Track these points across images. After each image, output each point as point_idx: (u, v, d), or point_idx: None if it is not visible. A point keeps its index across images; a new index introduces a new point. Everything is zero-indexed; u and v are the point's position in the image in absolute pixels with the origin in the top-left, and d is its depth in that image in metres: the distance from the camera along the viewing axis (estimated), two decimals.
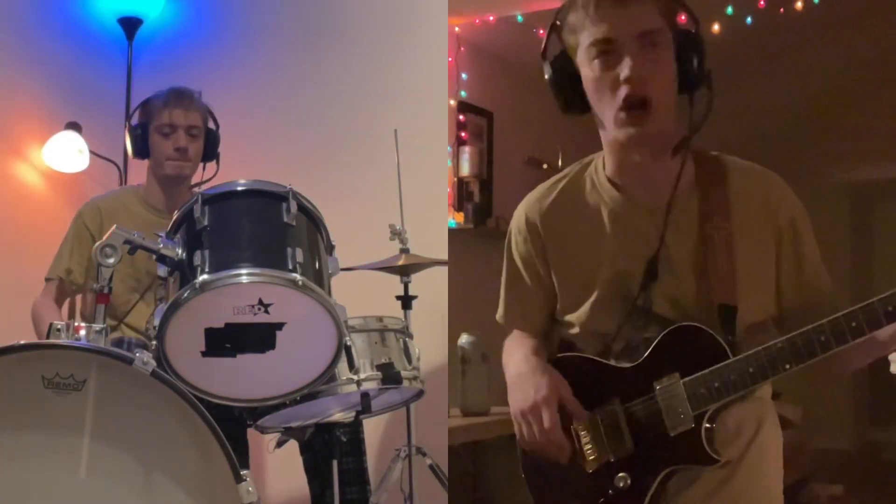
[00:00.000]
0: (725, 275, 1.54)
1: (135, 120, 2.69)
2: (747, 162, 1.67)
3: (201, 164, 2.73)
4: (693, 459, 1.53)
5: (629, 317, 1.61)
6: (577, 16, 1.56)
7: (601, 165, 1.71)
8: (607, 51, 1.53)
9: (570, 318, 1.73)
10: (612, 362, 1.66)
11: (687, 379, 1.54)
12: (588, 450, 1.67)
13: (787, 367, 1.46)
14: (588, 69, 1.57)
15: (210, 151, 2.71)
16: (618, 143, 1.61)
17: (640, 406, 1.60)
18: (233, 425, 2.29)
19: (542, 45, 1.65)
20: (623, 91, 1.51)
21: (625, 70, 1.50)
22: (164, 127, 2.63)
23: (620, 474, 1.61)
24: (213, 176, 2.72)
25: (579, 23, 1.56)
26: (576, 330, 1.73)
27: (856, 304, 1.43)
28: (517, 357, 1.79)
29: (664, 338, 1.58)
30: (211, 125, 2.73)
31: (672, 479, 1.59)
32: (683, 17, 1.60)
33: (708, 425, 1.53)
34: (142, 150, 2.67)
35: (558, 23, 1.62)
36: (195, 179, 2.74)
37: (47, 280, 2.69)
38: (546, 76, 1.67)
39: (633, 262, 1.62)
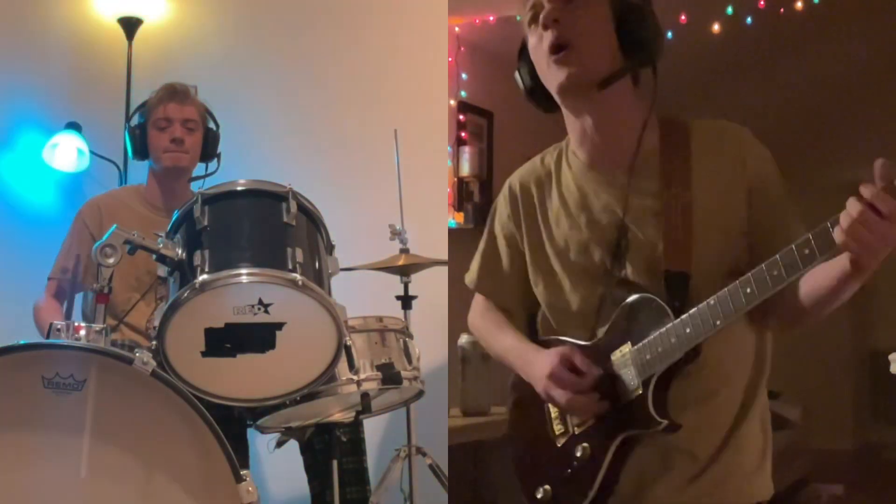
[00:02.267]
0: (680, 243, 1.56)
1: (133, 121, 2.69)
2: (713, 121, 1.67)
3: (203, 165, 2.73)
4: (642, 424, 1.55)
5: (608, 288, 1.63)
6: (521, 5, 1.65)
7: (567, 144, 1.76)
8: (536, 13, 1.60)
9: (542, 296, 1.76)
10: (600, 334, 1.67)
11: (634, 347, 1.57)
12: (556, 425, 1.72)
13: (717, 322, 1.46)
14: (529, 40, 1.65)
15: (210, 150, 2.71)
16: (560, 100, 1.65)
17: (600, 379, 1.63)
18: (233, 425, 2.29)
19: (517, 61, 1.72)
20: (547, 37, 1.57)
21: (541, 18, 1.58)
22: (160, 121, 2.63)
23: (582, 444, 1.65)
24: (216, 170, 2.71)
25: (521, 8, 1.65)
26: (553, 313, 1.76)
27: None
28: (508, 343, 1.83)
29: (621, 310, 1.61)
30: (210, 124, 2.72)
31: (632, 449, 1.60)
32: None
33: (657, 391, 1.54)
34: (141, 150, 2.67)
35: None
36: (196, 176, 2.74)
37: (49, 279, 2.70)
38: (522, 85, 1.73)
39: (601, 231, 1.65)
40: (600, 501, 1.62)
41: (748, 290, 1.42)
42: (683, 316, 1.51)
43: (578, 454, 1.65)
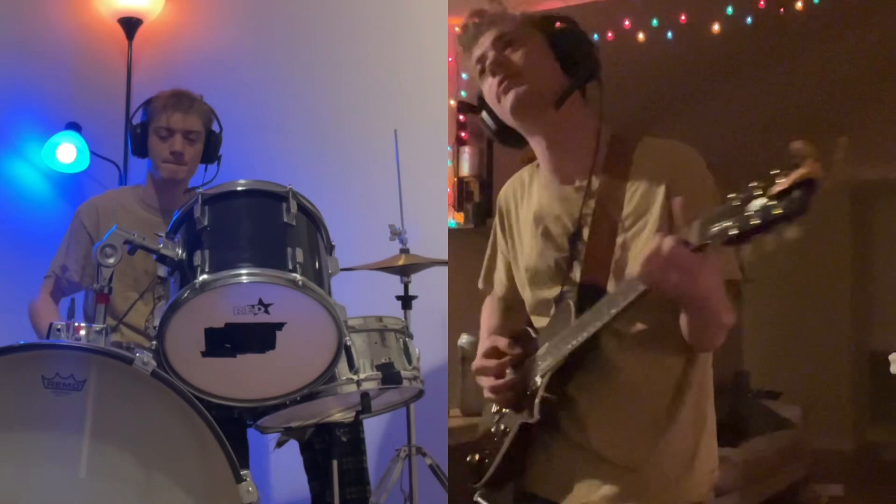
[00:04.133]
0: (599, 258, 1.67)
1: (136, 118, 2.69)
2: (660, 140, 1.73)
3: (203, 167, 2.73)
4: (528, 415, 1.69)
5: (562, 291, 1.73)
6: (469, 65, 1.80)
7: None
8: (483, 67, 1.75)
9: (525, 296, 1.87)
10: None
11: (547, 346, 1.71)
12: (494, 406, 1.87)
13: (584, 335, 1.58)
14: (483, 90, 1.79)
15: (210, 154, 2.71)
16: (516, 125, 1.76)
17: (524, 370, 1.77)
18: (233, 425, 2.29)
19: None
20: (494, 82, 1.71)
21: (487, 67, 1.73)
22: (161, 129, 2.62)
23: (503, 422, 1.81)
24: (213, 178, 2.71)
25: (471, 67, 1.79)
26: (530, 312, 1.86)
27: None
28: (481, 336, 1.99)
29: (554, 313, 1.74)
30: (214, 128, 2.72)
31: (533, 435, 1.73)
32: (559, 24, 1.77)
33: (546, 394, 1.66)
34: (141, 149, 2.67)
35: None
36: (195, 181, 2.74)
37: (45, 277, 2.70)
38: (489, 131, 1.86)
39: (554, 241, 1.76)
40: (505, 474, 1.78)
41: (610, 308, 1.53)
42: (575, 323, 1.63)
43: (501, 428, 1.81)
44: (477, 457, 1.87)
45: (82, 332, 1.82)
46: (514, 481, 1.79)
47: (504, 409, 1.82)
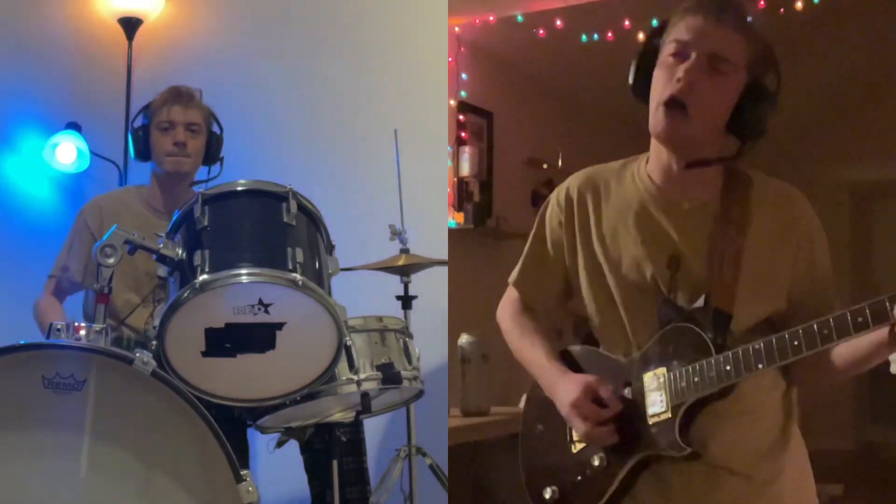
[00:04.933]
0: (726, 285, 1.62)
1: (137, 122, 2.69)
2: (774, 179, 1.74)
3: (205, 168, 2.73)
4: (665, 447, 1.61)
5: (658, 310, 1.67)
6: (676, 17, 1.69)
7: (645, 160, 1.78)
8: (679, 52, 1.63)
9: (589, 305, 1.78)
10: (634, 353, 1.71)
11: (671, 372, 1.63)
12: (576, 433, 1.76)
13: (760, 366, 1.53)
14: (661, 61, 1.67)
15: (212, 154, 2.71)
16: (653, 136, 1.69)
17: (626, 395, 1.69)
18: (233, 425, 2.29)
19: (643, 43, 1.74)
20: (669, 88, 1.61)
21: (680, 71, 1.61)
22: (163, 123, 2.62)
23: (599, 455, 1.71)
24: (217, 175, 2.71)
25: (674, 22, 1.68)
26: (597, 320, 1.78)
27: (854, 304, 1.46)
28: (537, 358, 1.85)
29: (664, 334, 1.66)
30: (214, 128, 2.72)
31: (646, 467, 1.66)
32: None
33: (685, 418, 1.60)
34: (143, 151, 2.67)
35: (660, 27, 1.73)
36: (198, 178, 2.74)
37: (49, 276, 2.70)
38: (633, 63, 1.74)
39: (655, 252, 1.68)
40: None
41: (795, 343, 1.49)
42: (727, 353, 1.57)
43: (595, 463, 1.71)
44: (555, 489, 1.77)
45: (82, 332, 1.82)
46: None
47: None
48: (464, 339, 3.48)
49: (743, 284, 1.62)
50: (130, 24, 3.68)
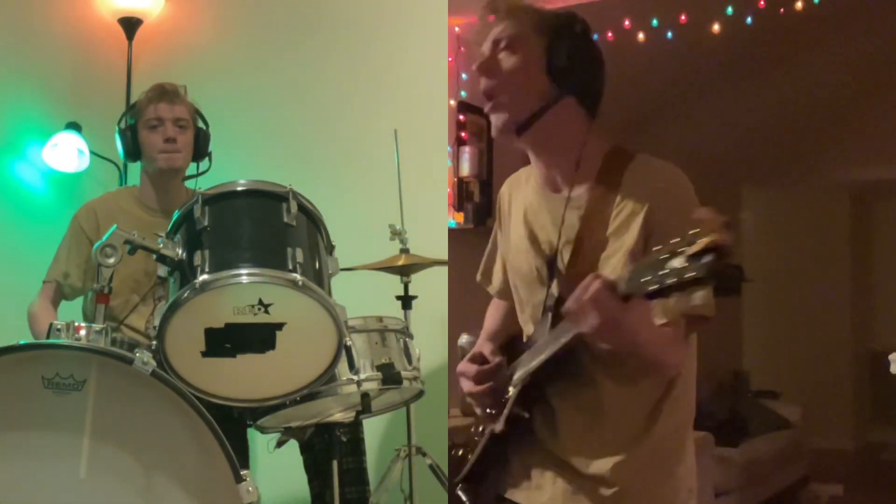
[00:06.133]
0: (580, 276, 1.59)
1: (123, 123, 2.69)
2: (651, 159, 1.69)
3: (195, 164, 2.73)
4: (498, 424, 1.72)
5: (545, 300, 1.72)
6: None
7: None
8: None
9: (515, 297, 1.87)
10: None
11: (522, 357, 1.72)
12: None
13: (543, 357, 1.60)
14: None
15: (201, 150, 2.71)
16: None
17: (507, 377, 1.77)
18: (233, 425, 2.29)
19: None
20: (482, 83, 1.70)
21: (475, 67, 1.71)
22: (151, 121, 2.63)
23: (483, 424, 1.84)
24: (208, 169, 2.71)
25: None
26: (516, 308, 1.87)
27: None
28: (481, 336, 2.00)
29: (538, 322, 1.73)
30: (200, 124, 2.72)
31: (504, 441, 1.75)
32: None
33: (519, 399, 1.69)
34: (133, 150, 2.67)
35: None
36: (188, 174, 2.74)
37: (45, 282, 2.69)
38: None
39: (537, 246, 1.75)
40: (481, 475, 1.82)
41: (559, 338, 1.56)
42: (545, 338, 1.64)
43: (473, 429, 1.87)
44: (460, 452, 1.90)
45: (82, 332, 1.82)
46: (491, 482, 1.81)
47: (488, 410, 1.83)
48: (464, 339, 3.46)
49: (600, 269, 1.61)
50: (130, 24, 3.68)
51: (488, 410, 1.77)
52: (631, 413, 1.66)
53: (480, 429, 1.84)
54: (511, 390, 1.70)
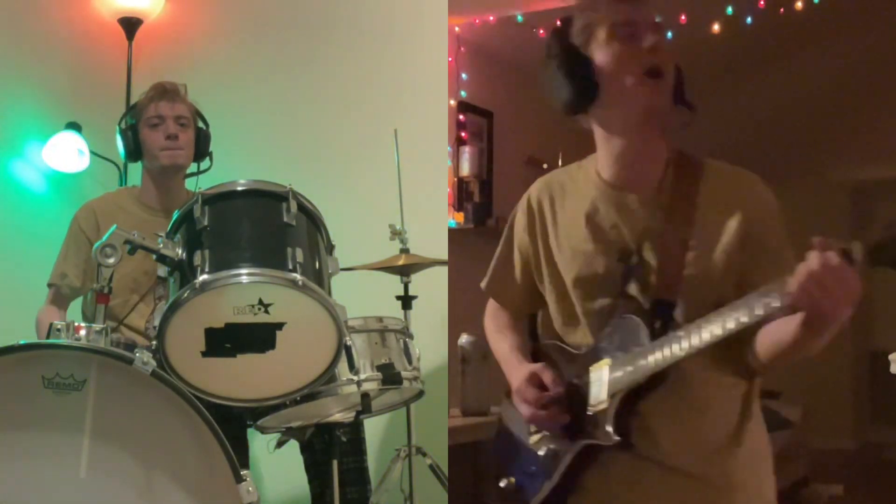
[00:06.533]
0: (670, 274, 1.65)
1: (124, 123, 2.69)
2: (727, 165, 1.74)
3: (195, 164, 2.73)
4: (601, 437, 1.65)
5: (613, 304, 1.70)
6: (586, 16, 1.70)
7: (594, 160, 1.81)
8: (628, 33, 1.66)
9: (551, 303, 1.83)
10: (589, 346, 1.75)
11: (612, 363, 1.66)
12: (532, 426, 1.83)
13: (681, 354, 1.53)
14: (606, 53, 1.67)
15: (202, 149, 2.71)
16: (623, 122, 1.70)
17: (575, 388, 1.73)
18: (233, 425, 2.29)
19: (547, 47, 1.76)
20: (647, 59, 1.63)
21: (649, 40, 1.64)
22: (152, 119, 2.63)
23: (548, 445, 1.77)
24: (208, 169, 2.72)
25: (591, 21, 1.69)
26: (559, 318, 1.82)
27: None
28: (503, 351, 1.93)
29: (610, 326, 1.70)
30: (200, 124, 2.72)
31: (596, 456, 1.69)
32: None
33: (621, 408, 1.63)
34: (134, 150, 2.67)
35: (562, 28, 1.74)
36: (190, 181, 2.74)
37: (48, 286, 2.69)
38: (548, 74, 1.76)
39: (607, 247, 1.72)
40: (559, 498, 1.74)
41: (715, 325, 1.49)
42: (657, 341, 1.59)
43: (542, 453, 1.77)
44: (513, 480, 1.83)
45: (82, 332, 1.82)
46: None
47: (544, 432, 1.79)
48: (464, 339, 3.48)
49: (689, 272, 1.63)
50: (130, 24, 3.68)
51: (563, 428, 1.72)
52: (726, 410, 1.68)
53: (550, 450, 1.77)
54: (606, 400, 1.64)
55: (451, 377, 3.35)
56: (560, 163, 4.67)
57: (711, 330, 1.48)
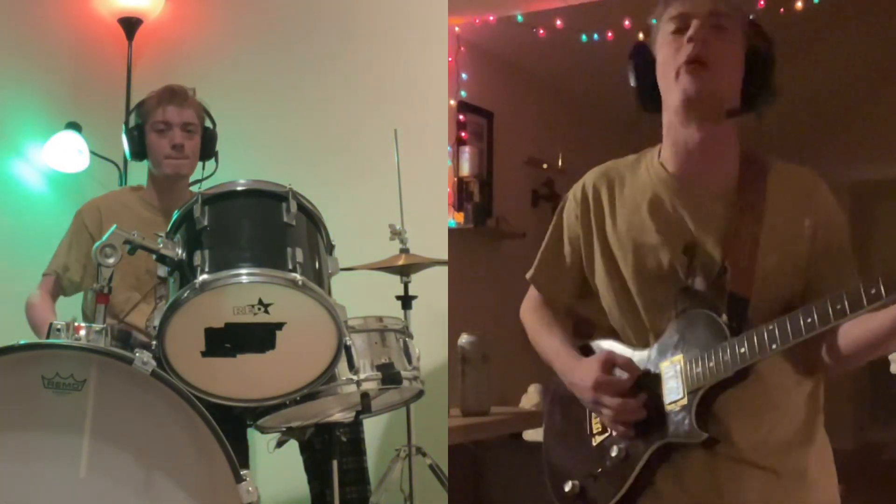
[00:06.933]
0: (743, 270, 1.62)
1: (131, 122, 2.68)
2: (793, 165, 1.76)
3: (200, 163, 2.73)
4: (682, 434, 1.60)
5: (675, 298, 1.67)
6: (657, 13, 1.72)
7: (657, 152, 1.79)
8: (681, 26, 1.67)
9: (606, 297, 1.79)
10: (652, 342, 1.71)
11: (687, 358, 1.62)
12: (595, 424, 1.77)
13: (774, 346, 1.51)
14: (662, 45, 1.70)
15: (208, 150, 2.71)
16: (676, 114, 1.69)
17: (644, 384, 1.68)
18: (233, 425, 2.29)
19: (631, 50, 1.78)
20: (687, 49, 1.63)
21: (690, 31, 1.64)
22: (158, 124, 2.62)
23: (618, 445, 1.70)
24: (213, 173, 2.72)
25: (658, 14, 1.72)
26: (615, 312, 1.78)
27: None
28: (552, 346, 1.87)
29: (680, 320, 1.66)
30: (207, 123, 2.72)
31: (668, 455, 1.64)
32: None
33: (702, 405, 1.59)
34: (139, 151, 2.66)
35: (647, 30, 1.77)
36: (194, 177, 2.74)
37: (44, 275, 2.69)
38: (630, 75, 1.77)
39: (671, 239, 1.69)
40: (628, 502, 1.68)
41: (808, 320, 1.46)
42: (741, 336, 1.55)
43: (614, 454, 1.70)
44: (577, 483, 1.76)
45: (82, 332, 1.82)
46: None
47: (613, 430, 1.72)
48: (464, 339, 3.48)
49: (759, 269, 1.62)
50: (130, 24, 3.69)
51: (637, 426, 1.67)
52: (798, 406, 1.69)
53: (619, 451, 1.70)
54: (684, 396, 1.60)
55: (451, 377, 3.35)
56: (560, 163, 4.68)
57: (810, 321, 1.46)
